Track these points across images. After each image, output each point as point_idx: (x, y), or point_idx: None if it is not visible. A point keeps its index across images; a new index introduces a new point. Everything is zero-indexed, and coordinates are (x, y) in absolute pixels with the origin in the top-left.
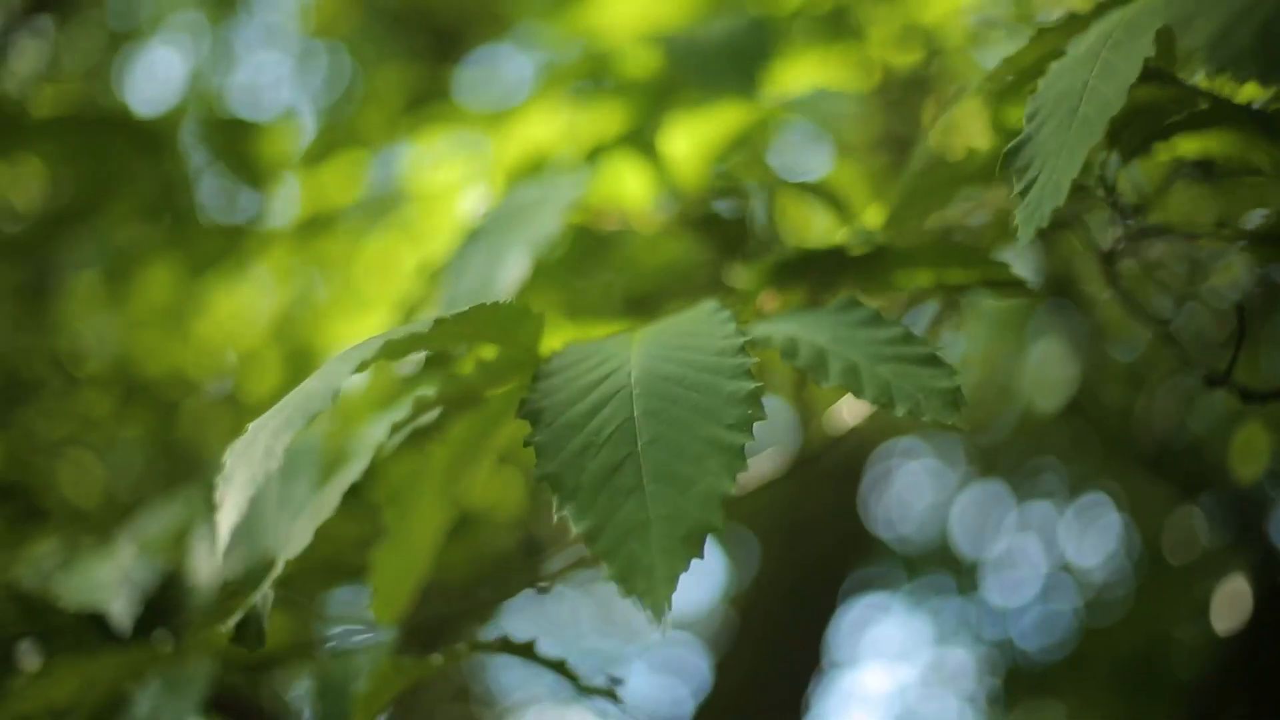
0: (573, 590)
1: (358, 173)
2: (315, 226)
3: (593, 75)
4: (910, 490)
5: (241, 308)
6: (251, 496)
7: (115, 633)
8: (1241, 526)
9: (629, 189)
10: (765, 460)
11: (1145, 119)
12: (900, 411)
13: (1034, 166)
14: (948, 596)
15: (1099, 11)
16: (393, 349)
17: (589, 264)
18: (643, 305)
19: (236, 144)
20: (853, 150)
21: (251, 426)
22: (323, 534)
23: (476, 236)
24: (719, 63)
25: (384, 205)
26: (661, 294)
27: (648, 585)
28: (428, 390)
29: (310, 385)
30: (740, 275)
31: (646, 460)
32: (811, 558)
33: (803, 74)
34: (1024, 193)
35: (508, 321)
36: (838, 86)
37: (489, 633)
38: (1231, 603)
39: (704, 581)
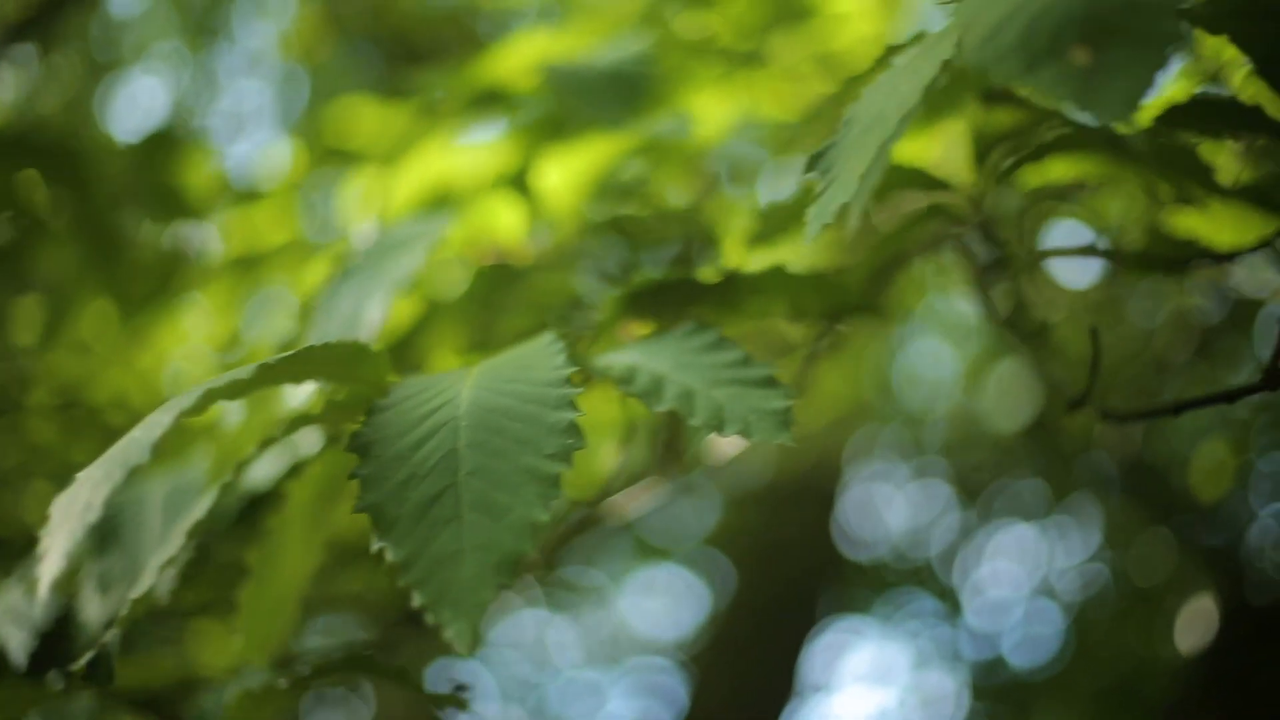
0: (555, 615)
1: (290, 207)
2: (247, 263)
3: (486, 110)
4: (886, 512)
5: (183, 336)
6: (70, 550)
7: (12, 668)
8: (1208, 546)
9: (504, 223)
10: (638, 490)
11: (1010, 143)
12: (729, 433)
13: (834, 167)
14: (925, 619)
15: None
16: (214, 396)
17: (495, 299)
18: (572, 335)
19: (164, 175)
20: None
21: (78, 478)
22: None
23: (349, 274)
24: (603, 94)
25: (317, 241)
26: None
27: (455, 614)
28: (275, 429)
29: (132, 437)
30: (599, 305)
31: (466, 491)
32: (785, 581)
33: (714, 104)
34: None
35: (344, 360)
36: (752, 115)
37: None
38: (1197, 622)
39: (683, 606)
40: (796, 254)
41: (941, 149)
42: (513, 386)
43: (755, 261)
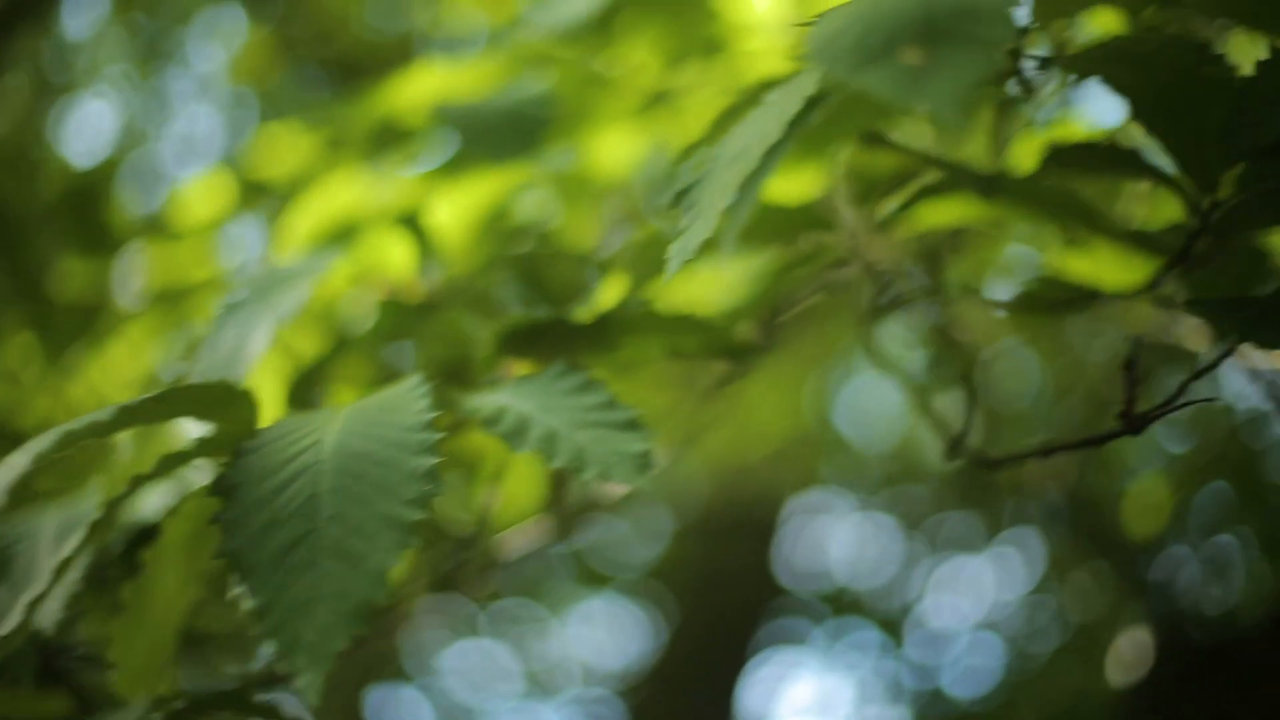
0: (496, 643)
1: (212, 240)
2: (169, 298)
3: (384, 144)
4: (827, 544)
5: (113, 365)
6: None
7: None
8: (1146, 580)
9: (397, 259)
10: (526, 530)
11: (890, 185)
12: (589, 476)
13: (697, 203)
14: (866, 650)
15: None
16: (72, 438)
17: (398, 336)
18: (454, 375)
19: (92, 209)
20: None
21: None
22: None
23: (234, 309)
24: (499, 133)
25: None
26: (466, 363)
27: (307, 663)
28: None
29: None
30: (477, 345)
31: (325, 537)
32: (724, 613)
33: (623, 141)
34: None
35: (209, 401)
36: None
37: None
38: (1133, 655)
39: (625, 636)
40: (706, 292)
41: (824, 190)
42: (377, 430)
43: (666, 299)
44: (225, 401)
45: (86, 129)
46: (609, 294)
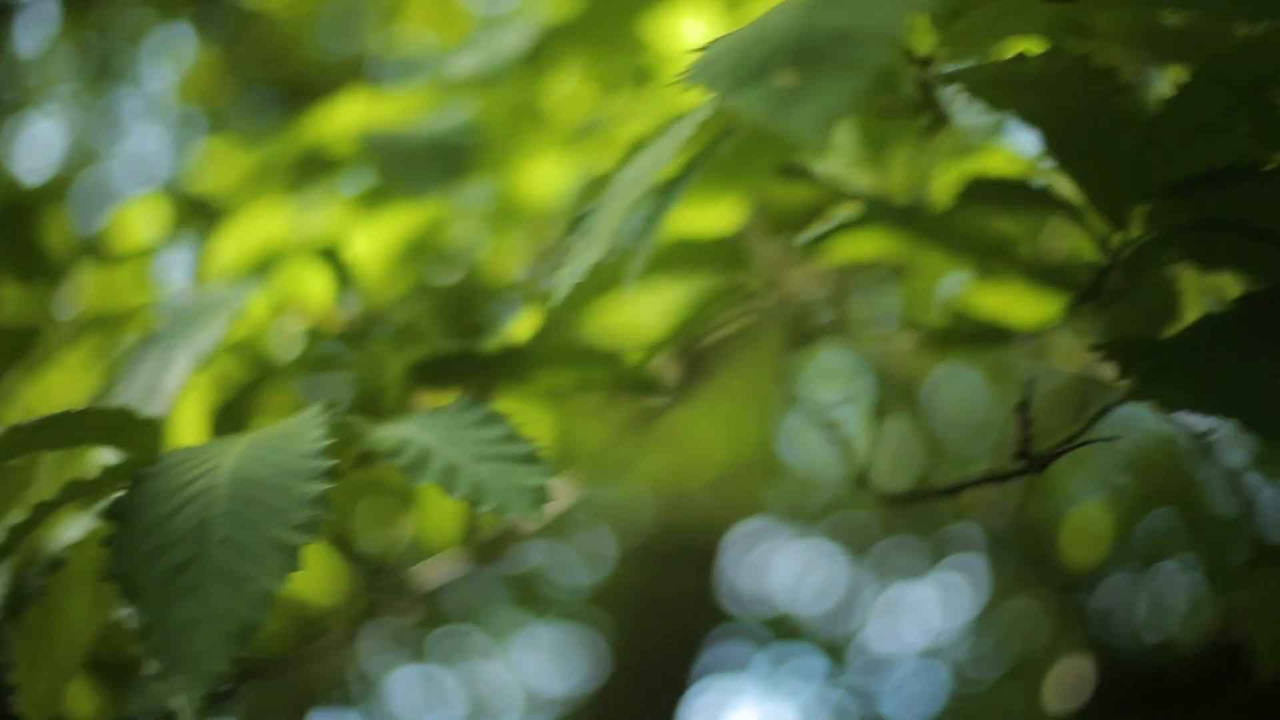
0: (441, 670)
1: (148, 264)
2: (106, 324)
3: (311, 172)
4: (771, 570)
5: (50, 392)
6: None
7: None
8: (1087, 608)
9: (317, 289)
10: (445, 558)
11: (806, 217)
12: (487, 508)
13: (591, 230)
14: (809, 677)
15: None
16: None
17: (322, 366)
18: (370, 406)
19: (24, 232)
20: None
21: None
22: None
23: (155, 339)
24: (422, 163)
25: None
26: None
27: (186, 683)
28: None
29: None
30: (390, 376)
31: (213, 560)
32: (665, 638)
33: (553, 170)
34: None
35: (107, 427)
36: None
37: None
38: (1072, 684)
39: (566, 662)
40: (633, 323)
41: (740, 223)
42: (273, 458)
43: (592, 330)
44: (126, 428)
45: (36, 147)
46: (522, 326)
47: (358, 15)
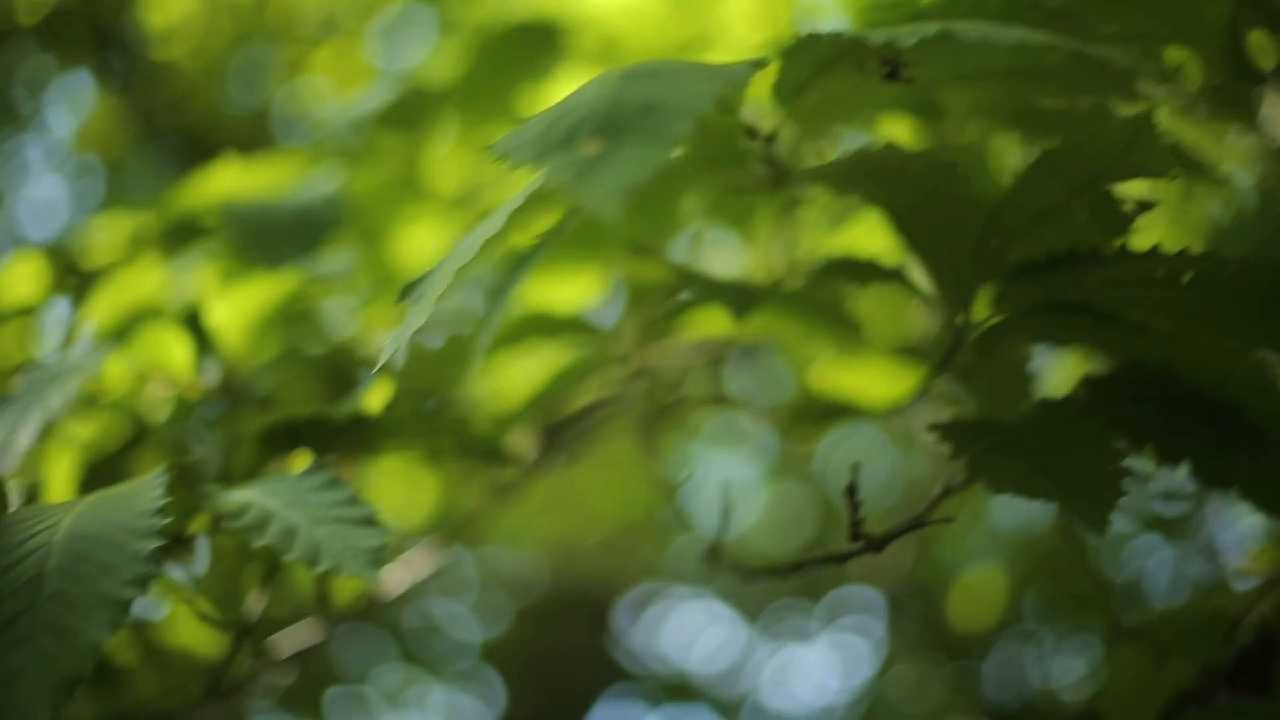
0: None
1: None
2: None
3: (182, 239)
4: (666, 628)
5: None
6: None
7: None
8: (981, 671)
9: (178, 355)
10: (297, 629)
11: (662, 293)
12: (323, 568)
13: (422, 297)
14: None
15: None
16: None
17: (190, 431)
18: (226, 471)
19: None
20: None
21: None
22: None
23: (12, 400)
24: (284, 234)
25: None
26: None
27: None
28: None
29: None
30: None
31: (43, 613)
32: (557, 696)
33: (429, 239)
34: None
35: None
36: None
37: None
38: None
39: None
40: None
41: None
42: (111, 516)
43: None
44: None
45: None
46: (376, 393)
47: (262, 67)
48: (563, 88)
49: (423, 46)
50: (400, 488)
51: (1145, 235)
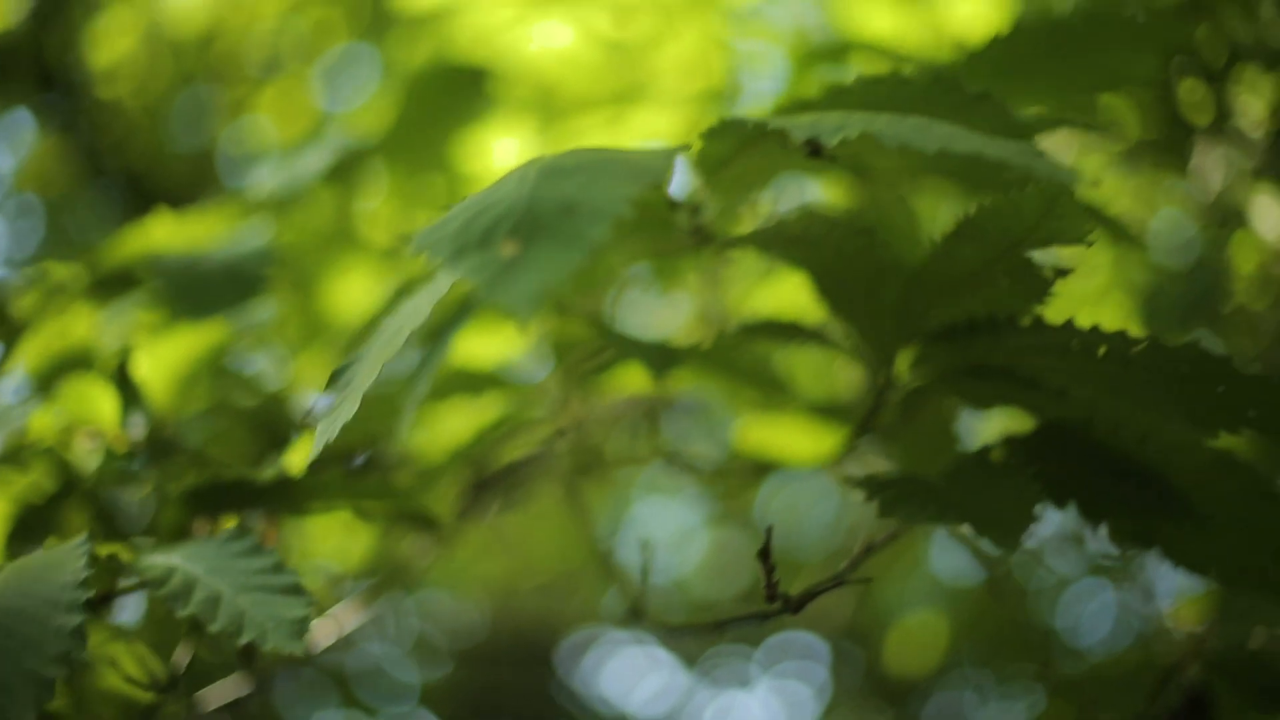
0: None
1: None
2: None
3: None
4: (605, 673)
5: None
6: None
7: None
8: (917, 716)
9: (104, 408)
10: (218, 687)
11: (585, 351)
12: (246, 639)
13: (350, 384)
14: None
15: None
16: None
17: (117, 485)
18: (150, 529)
19: None
20: None
21: None
22: None
23: None
24: (213, 289)
25: None
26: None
27: None
28: None
29: None
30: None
31: None
32: None
33: (358, 289)
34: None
35: None
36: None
37: None
38: None
39: None
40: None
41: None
42: (34, 588)
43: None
44: None
45: None
46: (298, 455)
47: (205, 107)
48: (496, 136)
49: (365, 86)
50: (335, 530)
51: (1087, 279)
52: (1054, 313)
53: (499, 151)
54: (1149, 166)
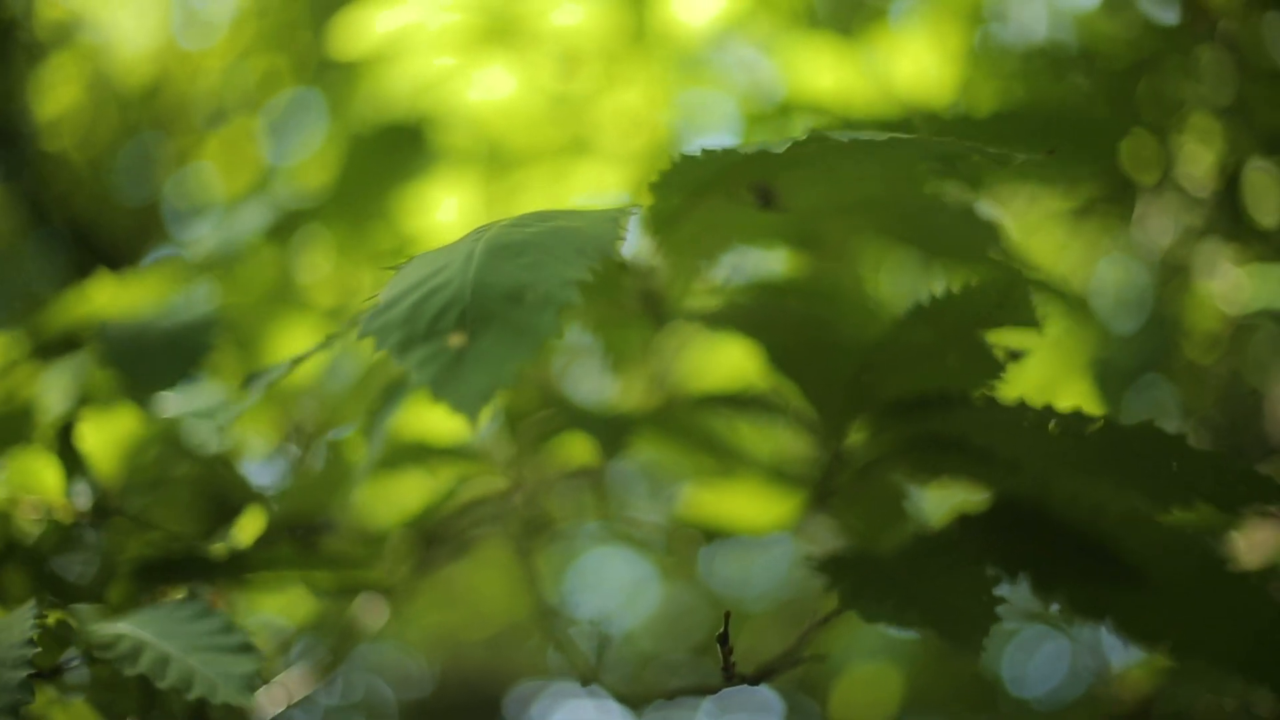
0: None
1: None
2: None
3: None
4: None
5: None
6: None
7: None
8: None
9: (46, 477)
10: None
11: (531, 420)
12: (196, 695)
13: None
14: None
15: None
16: None
17: (63, 553)
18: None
19: None
20: None
21: None
22: None
23: None
24: (157, 358)
25: None
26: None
27: None
28: None
29: None
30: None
31: None
32: None
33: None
34: None
35: None
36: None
37: None
38: None
39: None
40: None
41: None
42: None
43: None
44: None
45: None
46: (249, 524)
47: (151, 158)
48: (439, 191)
49: (311, 135)
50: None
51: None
52: (1009, 377)
53: (443, 207)
54: (1097, 221)
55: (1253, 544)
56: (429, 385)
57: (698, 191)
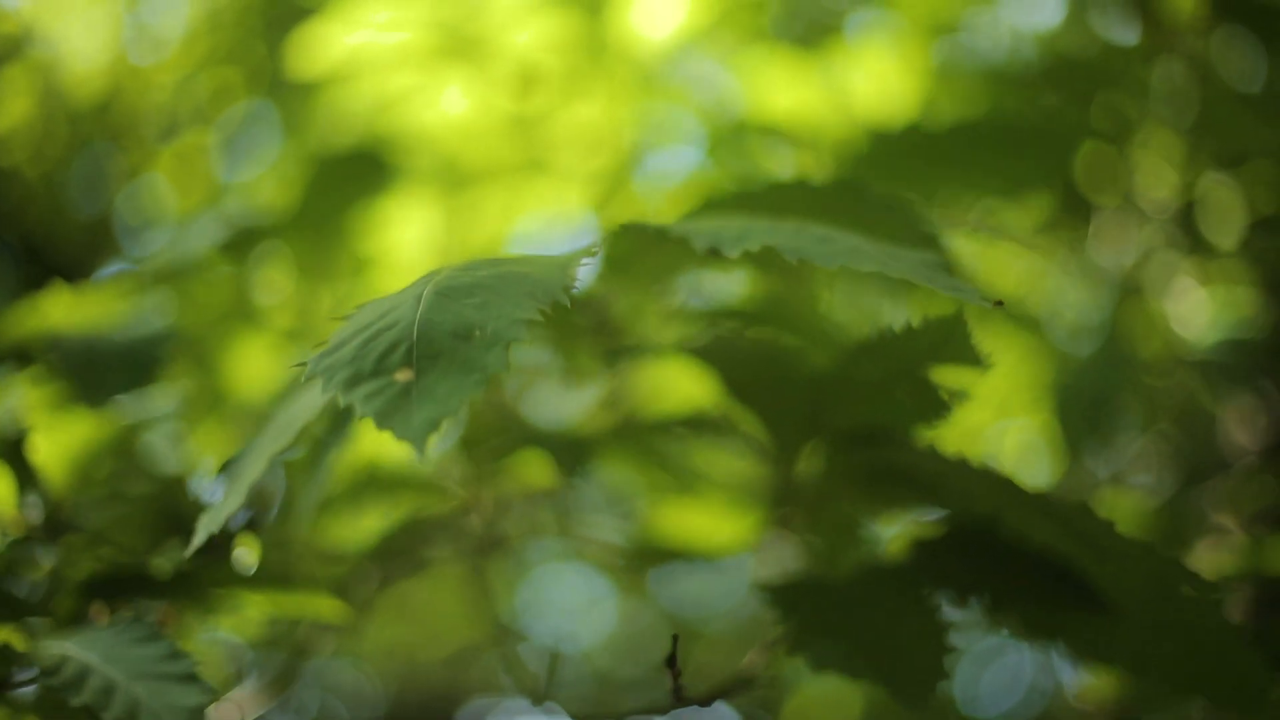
0: None
1: None
2: None
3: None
4: None
5: None
6: None
7: None
8: None
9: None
10: None
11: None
12: None
13: (237, 477)
14: None
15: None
16: None
17: (12, 569)
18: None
19: None
20: None
21: None
22: None
23: None
24: (110, 371)
25: None
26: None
27: None
28: None
29: None
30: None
31: None
32: None
33: (263, 366)
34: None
35: None
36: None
37: None
38: None
39: None
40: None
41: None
42: None
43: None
44: None
45: None
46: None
47: (103, 172)
48: (397, 211)
49: (266, 150)
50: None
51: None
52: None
53: (401, 226)
54: (1055, 240)
55: (1204, 566)
56: (373, 417)
57: (651, 244)
